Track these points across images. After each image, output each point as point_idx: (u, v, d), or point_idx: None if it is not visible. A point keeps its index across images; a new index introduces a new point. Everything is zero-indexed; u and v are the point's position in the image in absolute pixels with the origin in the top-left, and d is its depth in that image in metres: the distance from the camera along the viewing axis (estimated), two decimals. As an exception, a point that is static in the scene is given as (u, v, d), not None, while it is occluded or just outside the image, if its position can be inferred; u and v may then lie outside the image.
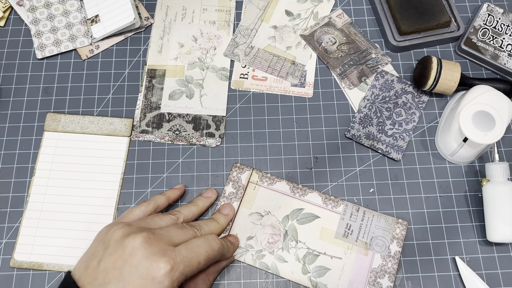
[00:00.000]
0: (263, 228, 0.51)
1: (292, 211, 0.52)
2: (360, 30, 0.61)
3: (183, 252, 0.39)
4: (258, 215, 0.51)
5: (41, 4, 0.61)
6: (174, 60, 0.59)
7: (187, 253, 0.39)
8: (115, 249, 0.38)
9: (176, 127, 0.56)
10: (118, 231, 0.40)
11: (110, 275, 0.37)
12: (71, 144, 0.55)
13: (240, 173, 0.53)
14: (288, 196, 0.52)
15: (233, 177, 0.53)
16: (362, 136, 0.56)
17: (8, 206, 0.53)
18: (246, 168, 0.53)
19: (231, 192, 0.52)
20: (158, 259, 0.37)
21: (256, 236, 0.51)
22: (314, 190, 0.53)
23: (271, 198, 0.52)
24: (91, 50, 0.60)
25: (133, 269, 0.37)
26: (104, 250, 0.39)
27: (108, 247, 0.39)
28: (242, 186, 0.52)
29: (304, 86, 0.59)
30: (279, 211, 0.52)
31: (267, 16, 0.62)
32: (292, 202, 0.52)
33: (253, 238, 0.51)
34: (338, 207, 0.52)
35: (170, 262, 0.37)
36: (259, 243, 0.50)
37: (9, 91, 0.58)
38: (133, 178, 0.54)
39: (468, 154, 0.53)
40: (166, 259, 0.37)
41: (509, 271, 0.51)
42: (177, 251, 0.39)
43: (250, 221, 0.51)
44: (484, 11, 0.61)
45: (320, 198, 0.52)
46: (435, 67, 0.54)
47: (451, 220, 0.53)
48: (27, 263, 0.50)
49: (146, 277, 0.37)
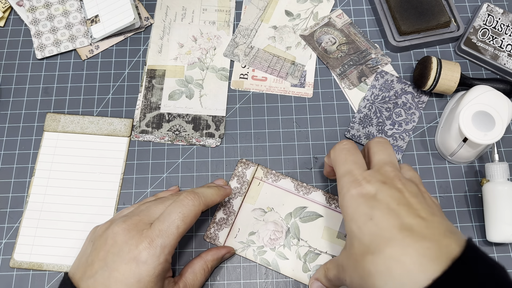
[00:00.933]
0: (266, 225, 0.51)
1: (295, 209, 0.52)
2: (360, 30, 0.61)
3: (158, 226, 0.40)
4: (261, 211, 0.52)
5: (41, 4, 0.61)
6: (174, 60, 0.59)
7: (161, 224, 0.40)
8: (99, 242, 0.40)
9: (176, 127, 0.56)
10: (102, 226, 0.42)
11: (96, 266, 0.39)
12: (71, 144, 0.55)
13: (245, 168, 0.53)
14: (292, 194, 0.52)
15: (238, 172, 0.53)
16: (362, 136, 0.56)
17: (8, 206, 0.53)
18: (252, 164, 0.53)
19: (235, 187, 0.53)
20: (136, 241, 0.39)
21: (258, 232, 0.51)
22: (318, 189, 0.53)
23: (275, 194, 0.52)
24: (91, 50, 0.60)
25: (115, 256, 0.38)
26: (92, 246, 0.41)
27: (94, 242, 0.41)
28: (246, 182, 0.53)
29: (304, 86, 0.59)
30: (282, 208, 0.52)
31: (267, 16, 0.62)
32: (296, 200, 0.52)
33: (255, 234, 0.51)
34: None
35: (146, 240, 0.39)
36: (260, 239, 0.50)
37: (9, 91, 0.58)
38: (132, 178, 0.54)
39: (468, 154, 0.53)
40: (142, 239, 0.39)
41: (509, 271, 0.51)
42: (152, 227, 0.40)
43: (253, 217, 0.51)
44: (484, 11, 0.61)
45: (324, 198, 0.52)
46: (435, 67, 0.54)
47: (451, 220, 0.53)
48: (27, 263, 0.50)
49: (129, 261, 0.38)
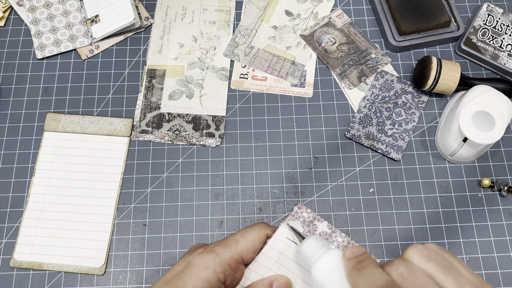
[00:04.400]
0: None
1: None
2: (360, 30, 0.61)
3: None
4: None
5: (41, 4, 0.61)
6: (174, 60, 0.59)
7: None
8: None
9: (176, 127, 0.56)
10: None
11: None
12: (71, 144, 0.55)
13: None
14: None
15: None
16: (362, 136, 0.56)
17: (8, 206, 0.53)
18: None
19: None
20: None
21: None
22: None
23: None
24: (91, 50, 0.60)
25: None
26: None
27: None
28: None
29: (304, 86, 0.59)
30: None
31: (267, 16, 0.62)
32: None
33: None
34: None
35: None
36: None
37: (9, 91, 0.58)
38: (133, 178, 0.54)
39: (468, 154, 0.53)
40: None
41: (509, 271, 0.51)
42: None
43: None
44: (484, 11, 0.61)
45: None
46: (435, 67, 0.54)
47: (451, 220, 0.53)
48: (27, 263, 0.50)
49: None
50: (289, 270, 0.38)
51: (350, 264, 0.32)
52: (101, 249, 0.51)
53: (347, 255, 0.32)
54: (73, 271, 0.50)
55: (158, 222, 0.52)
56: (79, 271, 0.50)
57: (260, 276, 0.38)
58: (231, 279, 0.36)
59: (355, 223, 0.53)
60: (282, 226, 0.38)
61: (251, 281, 0.38)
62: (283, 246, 0.38)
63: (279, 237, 0.38)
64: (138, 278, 0.50)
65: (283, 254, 0.38)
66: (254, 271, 0.38)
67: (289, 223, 0.38)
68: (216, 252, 0.36)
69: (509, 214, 0.53)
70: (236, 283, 0.37)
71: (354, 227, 0.52)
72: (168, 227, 0.52)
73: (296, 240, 0.38)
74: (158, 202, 0.53)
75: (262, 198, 0.54)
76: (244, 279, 0.38)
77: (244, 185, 0.54)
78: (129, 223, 0.52)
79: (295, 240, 0.38)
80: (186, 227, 0.52)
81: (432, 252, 0.32)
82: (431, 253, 0.32)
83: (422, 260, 0.31)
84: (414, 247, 0.32)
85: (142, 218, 0.53)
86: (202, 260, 0.35)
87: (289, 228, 0.38)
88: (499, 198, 0.54)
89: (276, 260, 0.38)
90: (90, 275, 0.50)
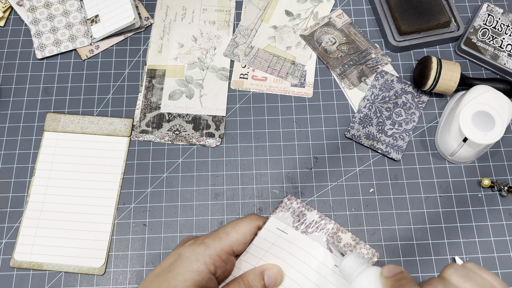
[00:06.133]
0: None
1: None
2: (360, 30, 0.61)
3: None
4: None
5: (41, 4, 0.61)
6: (174, 60, 0.59)
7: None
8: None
9: (176, 127, 0.56)
10: None
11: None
12: (71, 144, 0.55)
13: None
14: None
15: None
16: (362, 136, 0.56)
17: (8, 206, 0.53)
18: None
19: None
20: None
21: None
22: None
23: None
24: (91, 50, 0.60)
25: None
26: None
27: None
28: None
29: (304, 86, 0.59)
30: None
31: (267, 16, 0.62)
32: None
33: None
34: None
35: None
36: None
37: (9, 91, 0.58)
38: (133, 178, 0.54)
39: (468, 154, 0.53)
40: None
41: (509, 271, 0.51)
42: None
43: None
44: (484, 11, 0.61)
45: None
46: (435, 67, 0.54)
47: (451, 220, 0.53)
48: (27, 263, 0.50)
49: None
50: (280, 259, 0.38)
51: (388, 283, 0.32)
52: (101, 249, 0.51)
53: (385, 274, 0.33)
54: (73, 271, 0.50)
55: (158, 222, 0.52)
56: (79, 271, 0.50)
57: (251, 266, 0.38)
58: (222, 271, 0.36)
59: (355, 223, 0.53)
60: (272, 217, 0.39)
61: (242, 271, 0.38)
62: (274, 237, 0.39)
63: (269, 228, 0.39)
64: (138, 278, 0.50)
65: (274, 244, 0.39)
66: (245, 261, 0.39)
67: (329, 244, 0.39)
68: (206, 244, 0.36)
69: (509, 214, 0.53)
70: (227, 274, 0.38)
71: (354, 227, 0.52)
72: (168, 227, 0.52)
73: (286, 230, 0.39)
74: (158, 202, 0.53)
75: (262, 198, 0.54)
76: (236, 270, 0.38)
77: (244, 185, 0.54)
78: (129, 223, 0.52)
79: (286, 230, 0.39)
80: (186, 227, 0.52)
81: (470, 272, 0.32)
82: (469, 273, 0.31)
83: (460, 280, 0.31)
84: (452, 266, 0.32)
85: (142, 218, 0.53)
86: (192, 252, 0.35)
87: (328, 248, 0.39)
88: (499, 198, 0.54)
89: (267, 250, 0.39)
90: (90, 275, 0.50)
